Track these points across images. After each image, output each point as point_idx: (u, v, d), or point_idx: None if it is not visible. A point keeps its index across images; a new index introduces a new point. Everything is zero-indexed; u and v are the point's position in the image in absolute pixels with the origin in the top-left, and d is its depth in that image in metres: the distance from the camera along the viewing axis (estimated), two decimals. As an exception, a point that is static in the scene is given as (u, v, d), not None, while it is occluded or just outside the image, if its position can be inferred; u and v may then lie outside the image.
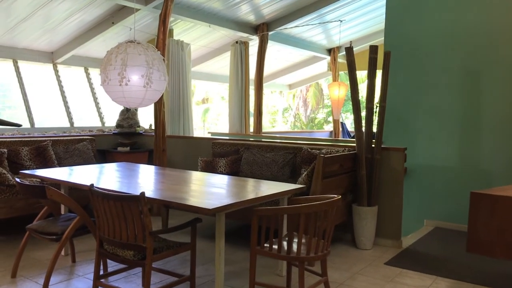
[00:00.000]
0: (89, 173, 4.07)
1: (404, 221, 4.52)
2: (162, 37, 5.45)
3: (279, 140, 5.58)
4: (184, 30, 7.52)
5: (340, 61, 10.55)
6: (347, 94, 9.17)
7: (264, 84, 8.77)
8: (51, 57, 6.86)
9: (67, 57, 6.85)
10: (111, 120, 7.23)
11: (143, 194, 2.64)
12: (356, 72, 4.48)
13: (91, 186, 2.83)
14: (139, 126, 6.65)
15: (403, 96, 5.70)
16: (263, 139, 5.95)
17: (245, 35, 8.09)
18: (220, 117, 17.59)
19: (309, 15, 7.81)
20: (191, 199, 3.00)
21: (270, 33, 8.18)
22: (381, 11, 7.87)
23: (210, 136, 7.42)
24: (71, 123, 6.88)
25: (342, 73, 12.17)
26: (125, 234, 2.74)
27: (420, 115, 5.61)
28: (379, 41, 8.85)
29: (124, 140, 6.36)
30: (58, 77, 6.97)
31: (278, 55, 9.98)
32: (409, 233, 4.99)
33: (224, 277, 3.16)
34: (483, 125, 5.18)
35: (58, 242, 3.18)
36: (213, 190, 3.39)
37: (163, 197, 2.98)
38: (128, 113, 6.59)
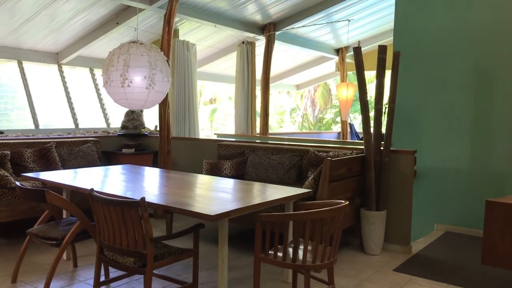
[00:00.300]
0: (93, 176, 4.00)
1: (413, 225, 4.40)
2: (167, 37, 5.38)
3: (285, 142, 5.47)
4: (190, 30, 7.44)
5: (348, 61, 10.43)
6: (355, 94, 9.05)
7: (271, 85, 8.67)
8: (56, 58, 6.82)
9: (72, 57, 6.81)
10: (117, 121, 7.17)
11: (143, 200, 2.56)
12: (365, 72, 4.37)
13: (91, 190, 2.76)
14: (144, 128, 6.58)
15: (412, 97, 5.56)
16: (269, 141, 5.84)
17: (251, 35, 8.00)
18: (227, 117, 17.52)
19: (316, 14, 7.70)
20: (193, 205, 2.91)
21: (277, 33, 8.09)
22: (390, 10, 7.73)
23: (216, 137, 7.34)
24: (76, 124, 6.83)
25: (351, 73, 12.03)
26: (125, 240, 2.66)
27: (430, 117, 5.47)
28: (387, 41, 8.74)
29: (129, 142, 6.30)
30: (63, 78, 6.93)
31: (285, 55, 9.88)
32: (418, 237, 4.86)
33: (228, 284, 3.07)
34: (496, 127, 5.02)
35: (59, 248, 3.11)
36: (217, 195, 3.30)
37: (165, 202, 2.90)
38: (133, 114, 6.53)
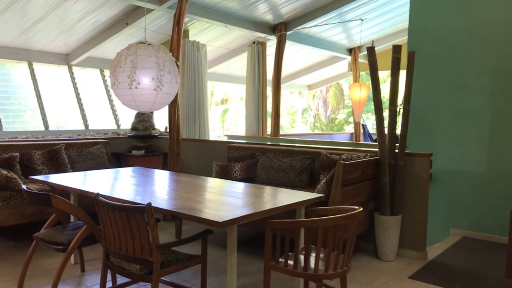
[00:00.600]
0: (103, 178, 3.94)
1: (429, 229, 4.25)
2: (177, 38, 5.31)
3: (296, 144, 5.36)
4: (200, 30, 7.37)
5: (361, 61, 10.27)
6: (368, 94, 8.90)
7: (283, 85, 8.56)
8: (66, 59, 6.79)
9: (82, 58, 6.77)
10: (127, 122, 7.13)
11: (149, 205, 2.47)
12: (378, 72, 4.25)
13: (97, 195, 2.68)
14: (154, 129, 6.53)
15: (428, 98, 5.41)
16: (280, 143, 5.73)
17: (262, 35, 7.90)
18: (239, 118, 17.47)
19: (328, 14, 7.57)
20: (202, 210, 2.82)
21: (288, 33, 7.97)
22: (404, 8, 7.57)
23: (227, 139, 7.26)
24: (86, 125, 6.80)
25: (363, 73, 11.86)
26: (131, 247, 2.59)
27: (446, 118, 5.31)
28: (402, 40, 8.57)
29: (139, 143, 6.24)
30: (73, 79, 6.90)
31: (297, 55, 9.75)
32: (434, 242, 4.71)
33: (237, 292, 2.98)
34: (515, 129, 4.86)
35: (65, 253, 3.05)
36: (226, 200, 3.21)
37: (173, 207, 2.82)
38: (144, 116, 6.48)
